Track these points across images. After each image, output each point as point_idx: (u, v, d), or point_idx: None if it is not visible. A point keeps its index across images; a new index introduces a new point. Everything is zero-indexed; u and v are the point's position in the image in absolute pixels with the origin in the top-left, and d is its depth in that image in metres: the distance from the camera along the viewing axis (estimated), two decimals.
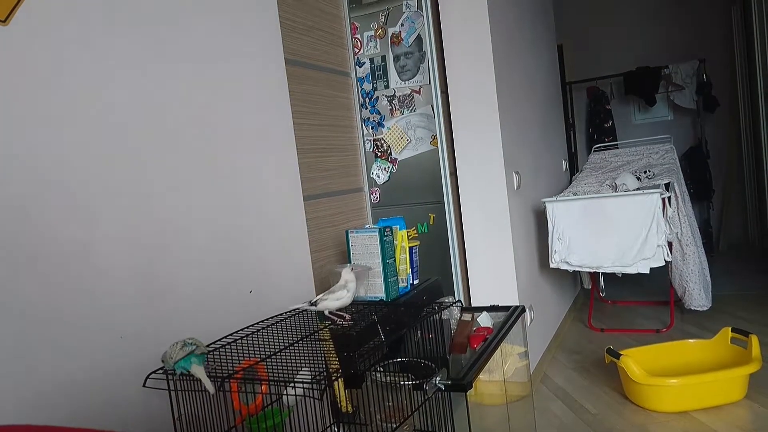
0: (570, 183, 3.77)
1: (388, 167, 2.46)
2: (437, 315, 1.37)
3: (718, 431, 2.10)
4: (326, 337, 1.34)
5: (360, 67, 2.43)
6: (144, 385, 1.15)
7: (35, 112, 1.03)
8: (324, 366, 1.14)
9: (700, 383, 2.26)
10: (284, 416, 1.20)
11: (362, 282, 1.63)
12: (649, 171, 3.42)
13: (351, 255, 1.70)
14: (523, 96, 2.99)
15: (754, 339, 2.38)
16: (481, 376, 1.67)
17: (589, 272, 3.64)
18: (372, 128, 2.45)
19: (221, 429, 1.16)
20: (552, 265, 3.01)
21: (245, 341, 1.26)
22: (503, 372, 1.92)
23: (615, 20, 5.46)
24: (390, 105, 2.43)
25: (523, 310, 1.71)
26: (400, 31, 2.40)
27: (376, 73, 2.43)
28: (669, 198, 3.05)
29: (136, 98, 1.24)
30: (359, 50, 2.43)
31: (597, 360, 2.92)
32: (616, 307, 3.89)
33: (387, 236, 1.66)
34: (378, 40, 2.42)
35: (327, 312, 1.37)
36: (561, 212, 3.00)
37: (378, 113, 2.44)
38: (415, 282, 1.82)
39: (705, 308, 3.23)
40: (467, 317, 1.68)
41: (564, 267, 3.01)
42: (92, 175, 1.13)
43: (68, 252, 1.07)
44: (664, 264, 2.88)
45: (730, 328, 2.53)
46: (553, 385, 2.68)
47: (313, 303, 1.38)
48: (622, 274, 3.16)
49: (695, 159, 5.09)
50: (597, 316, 3.67)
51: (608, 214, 2.94)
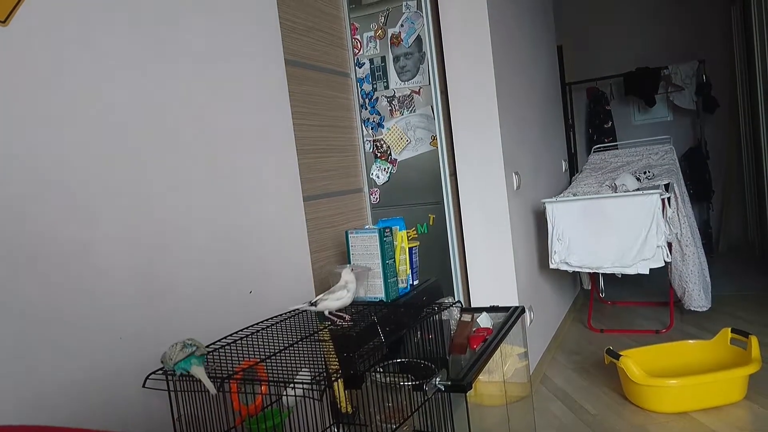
0: (570, 183, 3.77)
1: (388, 168, 2.46)
2: (437, 316, 1.37)
3: None
4: (326, 338, 1.34)
5: (360, 68, 2.43)
6: (144, 386, 1.15)
7: (35, 112, 1.03)
8: (324, 367, 1.14)
9: (700, 384, 2.26)
10: (284, 417, 1.20)
11: (362, 282, 1.63)
12: (649, 172, 3.42)
13: (351, 255, 1.70)
14: (523, 96, 2.99)
15: (754, 340, 2.38)
16: (481, 377, 1.67)
17: (589, 273, 3.65)
18: (372, 129, 2.45)
19: (221, 430, 1.15)
20: (552, 266, 3.01)
21: (245, 342, 1.26)
22: (503, 373, 1.92)
23: (615, 20, 5.47)
24: (390, 105, 2.43)
25: (523, 311, 1.71)
26: (400, 32, 2.40)
27: (376, 74, 2.43)
28: (669, 199, 3.06)
29: (136, 98, 1.24)
30: (359, 51, 2.43)
31: (597, 361, 2.92)
32: (616, 308, 3.89)
33: (387, 237, 1.66)
34: (378, 41, 2.42)
35: (327, 312, 1.37)
36: (561, 213, 3.00)
37: (378, 114, 2.44)
38: (415, 283, 1.82)
39: (704, 309, 3.24)
40: (467, 318, 1.68)
41: (564, 268, 3.01)
42: (92, 175, 1.13)
43: (68, 252, 1.06)
44: (664, 265, 2.88)
45: (730, 329, 2.53)
46: (553, 386, 2.68)
47: (313, 303, 1.38)
48: (622, 275, 3.16)
49: (695, 160, 5.09)
50: (597, 317, 3.68)
51: (608, 215, 2.94)
